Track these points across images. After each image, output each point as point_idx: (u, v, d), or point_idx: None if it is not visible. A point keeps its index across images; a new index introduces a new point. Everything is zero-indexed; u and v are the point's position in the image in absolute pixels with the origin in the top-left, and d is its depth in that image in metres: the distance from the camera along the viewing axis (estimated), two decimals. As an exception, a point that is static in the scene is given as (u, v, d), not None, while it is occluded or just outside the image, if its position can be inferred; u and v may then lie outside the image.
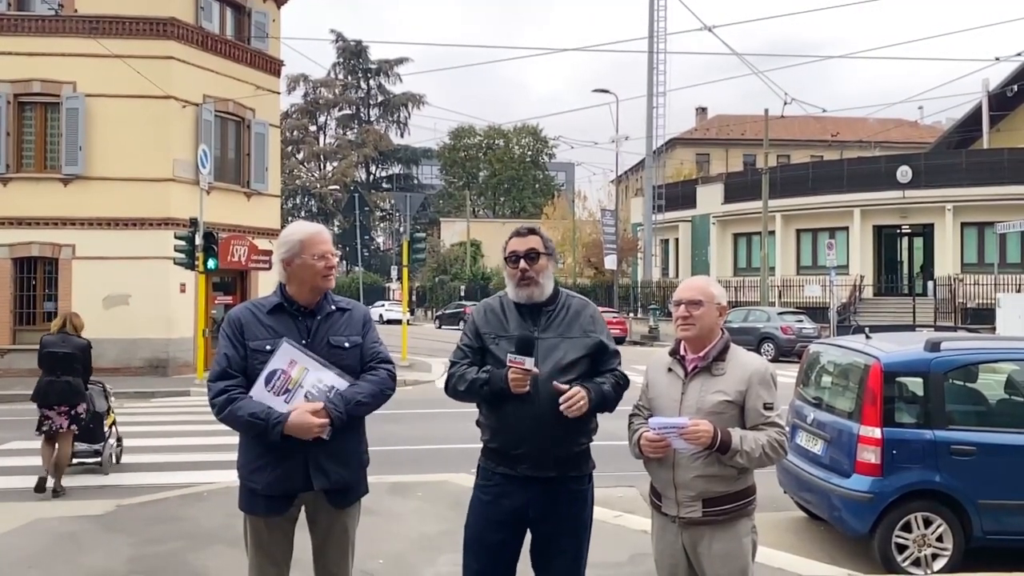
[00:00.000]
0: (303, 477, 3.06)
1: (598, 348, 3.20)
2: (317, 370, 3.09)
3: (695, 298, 3.09)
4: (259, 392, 3.04)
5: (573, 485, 3.18)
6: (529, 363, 2.98)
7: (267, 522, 3.16)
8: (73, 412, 7.81)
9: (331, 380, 3.10)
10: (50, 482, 7.61)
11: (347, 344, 3.21)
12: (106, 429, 8.62)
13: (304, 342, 3.14)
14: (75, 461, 8.35)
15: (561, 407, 2.97)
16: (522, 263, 3.18)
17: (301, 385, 3.07)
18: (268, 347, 3.09)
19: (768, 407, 3.02)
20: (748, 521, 3.08)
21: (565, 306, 3.24)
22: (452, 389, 3.24)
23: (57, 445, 7.73)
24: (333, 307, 3.27)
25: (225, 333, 3.17)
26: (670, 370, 3.19)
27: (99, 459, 8.53)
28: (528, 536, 3.24)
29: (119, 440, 9.09)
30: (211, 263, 16.32)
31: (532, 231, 3.28)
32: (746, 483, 3.07)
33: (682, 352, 3.17)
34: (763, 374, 3.05)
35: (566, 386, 3.01)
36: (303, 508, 3.23)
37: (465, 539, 3.26)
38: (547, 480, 3.12)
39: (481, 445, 3.29)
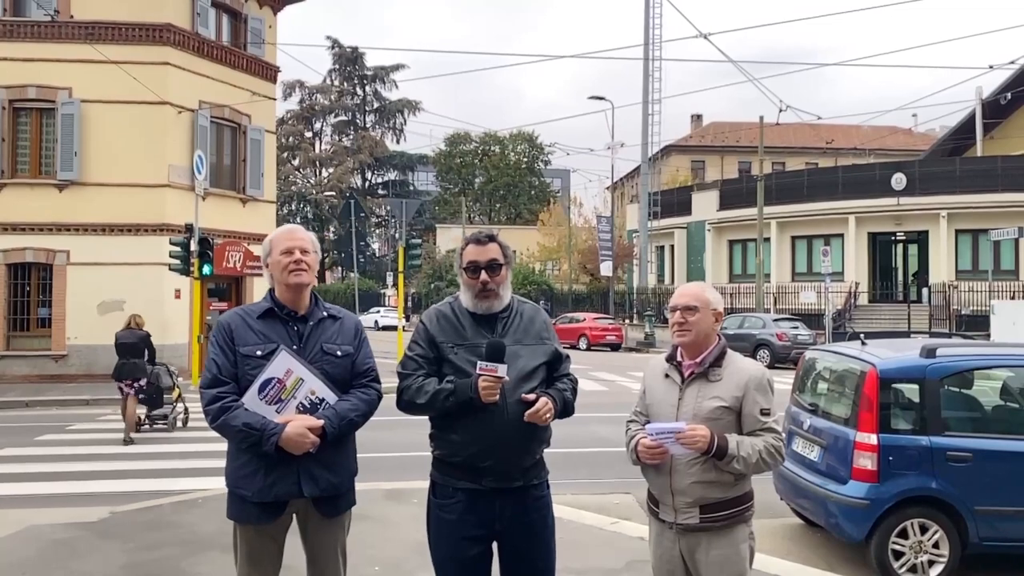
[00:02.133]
0: (294, 484, 3.03)
1: (554, 355, 3.16)
2: (311, 381, 3.05)
3: (691, 304, 3.10)
4: (251, 400, 3.00)
5: (536, 492, 3.13)
6: (502, 370, 2.88)
7: (257, 530, 3.12)
8: (136, 385, 10.88)
9: (323, 392, 3.07)
10: (132, 432, 10.78)
11: (339, 353, 3.16)
12: (169, 399, 11.48)
13: (296, 347, 3.09)
14: (155, 424, 11.46)
15: (527, 417, 2.92)
16: (483, 275, 3.08)
17: (294, 396, 3.03)
18: (259, 352, 3.05)
19: (765, 413, 3.02)
20: (746, 527, 3.08)
21: (518, 312, 3.18)
22: (407, 403, 3.08)
23: (127, 406, 10.89)
24: (324, 313, 3.22)
25: (214, 340, 3.12)
26: (667, 376, 3.18)
27: (166, 421, 11.43)
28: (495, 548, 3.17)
29: (186, 409, 11.78)
30: (206, 269, 16.30)
31: (491, 238, 3.17)
32: (743, 489, 3.06)
33: (679, 358, 3.17)
34: (760, 380, 3.05)
35: (532, 396, 2.97)
36: (294, 517, 3.20)
37: (435, 561, 3.16)
38: (512, 491, 3.05)
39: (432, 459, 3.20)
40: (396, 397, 3.14)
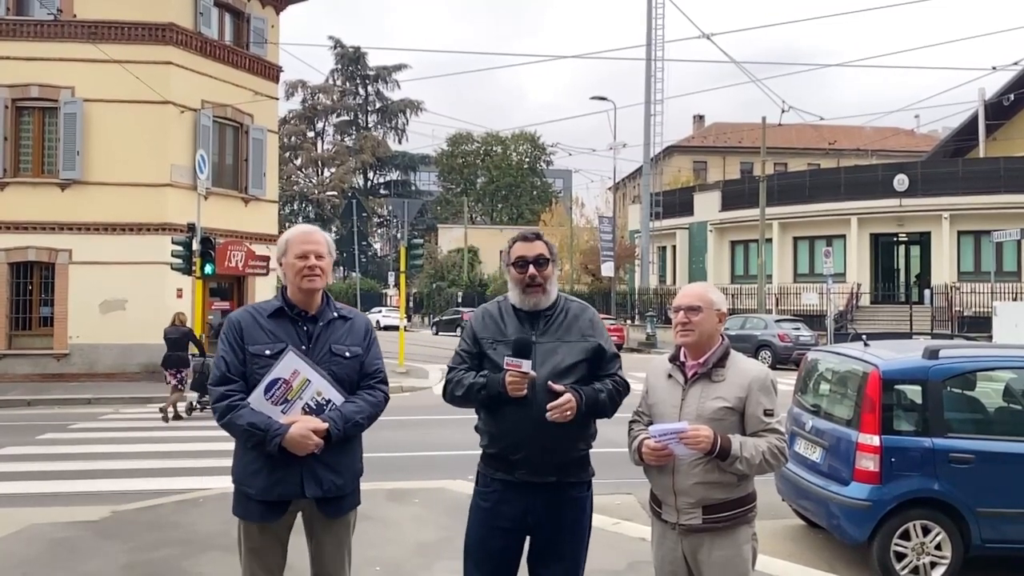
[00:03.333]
0: (297, 484, 3.04)
1: (596, 352, 3.16)
2: (317, 382, 3.06)
3: (694, 304, 3.09)
4: (257, 400, 3.01)
5: (573, 492, 3.15)
6: (526, 366, 2.95)
7: (261, 528, 3.12)
8: (179, 375, 12.74)
9: (329, 393, 3.07)
10: (170, 413, 12.66)
11: (348, 354, 3.17)
12: None
13: (304, 347, 3.10)
14: (204, 409, 12.88)
15: (547, 413, 2.94)
16: (531, 269, 3.14)
17: (300, 397, 3.04)
18: (268, 352, 3.05)
19: (768, 413, 3.01)
20: (748, 528, 3.06)
21: (564, 310, 3.22)
22: (450, 394, 3.20)
23: (175, 393, 12.81)
24: (335, 314, 3.22)
25: (224, 337, 3.13)
26: (670, 376, 3.17)
27: None
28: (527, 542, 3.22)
29: None
30: (208, 268, 16.28)
31: (538, 236, 3.26)
32: (746, 490, 3.05)
33: (682, 358, 3.16)
34: (763, 380, 3.04)
35: (561, 387, 2.99)
36: (299, 516, 3.21)
37: (466, 546, 3.23)
38: (546, 486, 3.09)
39: (480, 451, 3.27)
40: (442, 389, 3.28)
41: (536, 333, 3.13)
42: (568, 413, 2.96)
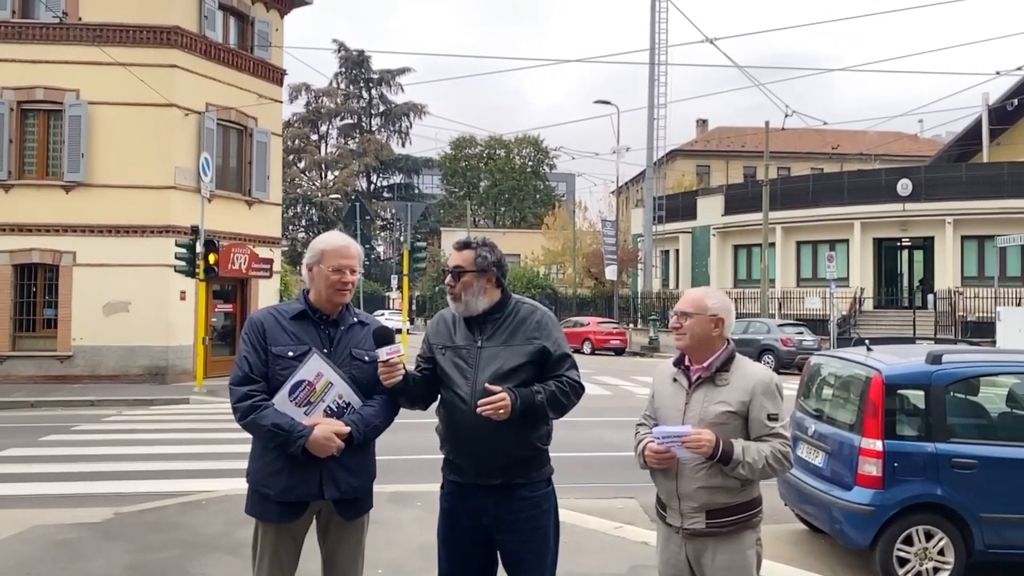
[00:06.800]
0: (316, 485, 3.08)
1: (541, 354, 3.14)
2: (339, 385, 3.12)
3: (684, 309, 3.11)
4: (281, 401, 3.05)
5: (525, 491, 3.14)
6: (383, 353, 3.02)
7: (278, 529, 3.16)
8: None
9: (349, 397, 3.14)
10: None
11: (367, 358, 3.21)
12: None
13: (326, 351, 3.15)
14: None
15: (478, 408, 2.95)
16: (447, 279, 3.23)
17: (323, 399, 3.09)
18: (291, 353, 3.10)
19: (772, 418, 2.99)
20: (753, 533, 3.06)
21: (512, 313, 3.21)
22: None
23: None
24: (355, 320, 3.29)
25: (247, 337, 3.16)
26: (675, 380, 3.18)
27: None
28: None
29: None
30: (211, 271, 16.32)
31: (467, 245, 3.23)
32: (751, 495, 3.04)
33: (687, 362, 3.16)
34: (767, 385, 3.02)
35: (497, 387, 2.99)
36: (315, 518, 3.25)
37: (437, 546, 3.33)
38: (494, 488, 3.12)
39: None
40: None
41: (482, 338, 3.16)
42: (502, 412, 2.94)
